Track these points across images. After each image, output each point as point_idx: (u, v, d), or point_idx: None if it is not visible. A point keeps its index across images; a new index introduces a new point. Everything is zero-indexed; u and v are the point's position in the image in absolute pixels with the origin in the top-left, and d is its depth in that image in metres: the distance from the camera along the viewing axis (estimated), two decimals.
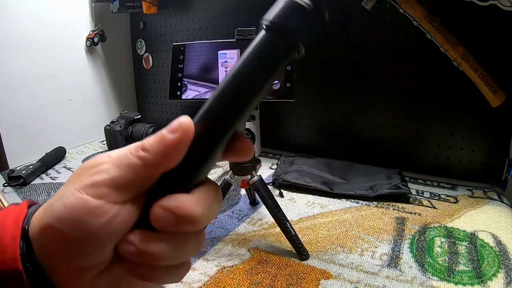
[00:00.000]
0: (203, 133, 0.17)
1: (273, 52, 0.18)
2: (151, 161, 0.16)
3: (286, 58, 0.18)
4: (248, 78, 0.18)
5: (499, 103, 0.79)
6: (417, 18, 0.82)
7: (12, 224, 0.18)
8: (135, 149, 0.17)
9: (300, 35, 0.18)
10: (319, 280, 0.55)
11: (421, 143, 0.98)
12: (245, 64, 0.18)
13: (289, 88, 0.57)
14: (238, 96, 0.18)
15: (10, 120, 1.13)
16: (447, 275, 0.56)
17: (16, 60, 1.12)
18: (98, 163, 0.18)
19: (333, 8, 0.18)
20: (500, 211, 0.76)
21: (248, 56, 0.18)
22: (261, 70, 0.18)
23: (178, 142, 0.16)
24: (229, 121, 0.18)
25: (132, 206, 0.17)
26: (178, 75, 0.63)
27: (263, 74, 0.18)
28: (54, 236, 0.17)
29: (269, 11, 0.18)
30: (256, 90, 0.18)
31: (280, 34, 0.18)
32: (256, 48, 0.18)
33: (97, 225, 0.16)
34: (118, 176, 0.17)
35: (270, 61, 0.18)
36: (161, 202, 0.17)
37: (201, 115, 0.18)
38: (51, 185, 0.97)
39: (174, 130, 0.17)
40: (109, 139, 1.27)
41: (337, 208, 0.79)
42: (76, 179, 0.18)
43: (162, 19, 1.42)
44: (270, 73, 0.18)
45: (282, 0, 0.18)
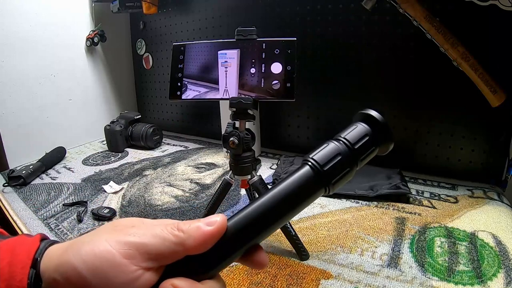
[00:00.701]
0: (231, 236, 0.20)
1: (311, 191, 0.22)
2: (184, 242, 0.19)
3: (318, 193, 0.22)
4: (282, 204, 0.21)
5: (499, 103, 0.79)
6: (417, 18, 0.82)
7: (24, 253, 0.19)
8: (172, 227, 0.19)
9: (336, 177, 0.22)
10: (319, 280, 0.55)
11: (421, 143, 0.98)
12: (283, 191, 0.21)
13: (289, 88, 0.56)
14: (269, 217, 0.21)
15: (10, 120, 1.13)
16: (447, 275, 0.56)
17: (16, 60, 1.12)
18: (134, 225, 0.19)
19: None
20: (500, 211, 0.76)
21: (288, 185, 0.21)
22: (292, 204, 0.21)
23: (211, 235, 0.19)
24: (253, 236, 0.21)
25: (152, 274, 0.18)
26: (178, 75, 0.63)
27: (292, 206, 0.21)
28: (72, 276, 0.18)
29: (316, 150, 0.22)
30: (284, 216, 0.21)
31: (322, 179, 0.22)
32: (296, 179, 0.22)
33: (117, 281, 0.17)
34: (150, 244, 0.18)
35: (304, 198, 0.22)
36: (174, 280, 0.18)
37: (235, 221, 0.21)
38: (51, 185, 0.97)
39: (211, 224, 0.19)
40: (109, 139, 1.27)
41: (337, 208, 0.79)
42: (110, 232, 0.19)
43: (162, 19, 1.42)
44: (296, 205, 0.22)
45: (328, 145, 0.23)
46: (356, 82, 1.03)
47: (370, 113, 0.24)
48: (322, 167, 0.22)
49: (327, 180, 0.22)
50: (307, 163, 0.22)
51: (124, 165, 1.13)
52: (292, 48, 0.57)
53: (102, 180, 1.00)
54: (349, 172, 0.22)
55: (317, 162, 0.22)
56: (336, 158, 0.22)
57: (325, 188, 0.22)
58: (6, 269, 0.18)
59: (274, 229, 0.21)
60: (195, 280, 0.19)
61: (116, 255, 0.18)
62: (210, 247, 0.19)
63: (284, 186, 0.22)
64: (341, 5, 1.00)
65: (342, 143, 0.23)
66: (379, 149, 0.24)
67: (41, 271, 0.18)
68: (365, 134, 0.23)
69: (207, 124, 1.43)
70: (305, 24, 1.07)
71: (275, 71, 0.57)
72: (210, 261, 0.20)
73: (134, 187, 0.95)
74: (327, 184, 0.22)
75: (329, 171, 0.22)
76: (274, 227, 0.21)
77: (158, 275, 0.19)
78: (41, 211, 0.81)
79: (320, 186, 0.22)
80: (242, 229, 0.20)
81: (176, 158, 1.18)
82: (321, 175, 0.22)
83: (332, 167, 0.22)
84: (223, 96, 0.60)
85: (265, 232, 0.21)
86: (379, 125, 0.24)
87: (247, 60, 0.59)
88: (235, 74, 0.59)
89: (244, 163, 0.60)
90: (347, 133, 0.23)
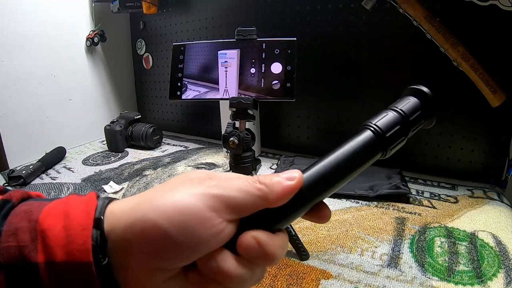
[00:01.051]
0: (304, 191, 0.21)
1: (372, 154, 0.24)
2: (267, 196, 0.19)
3: (376, 156, 0.25)
4: (348, 163, 0.23)
5: (499, 103, 0.79)
6: (417, 18, 0.82)
7: (81, 214, 0.17)
8: (254, 180, 0.19)
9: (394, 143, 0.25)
10: (319, 280, 0.55)
11: (421, 143, 0.98)
12: (350, 151, 0.23)
13: (289, 88, 0.56)
14: (337, 174, 0.23)
15: (10, 120, 1.13)
16: (447, 275, 0.56)
17: (16, 60, 1.12)
18: (211, 177, 0.19)
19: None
20: (500, 211, 0.76)
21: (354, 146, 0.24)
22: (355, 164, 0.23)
23: (291, 188, 0.20)
24: (322, 191, 0.22)
25: (233, 226, 0.19)
26: (178, 75, 0.63)
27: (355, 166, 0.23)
28: (153, 233, 0.17)
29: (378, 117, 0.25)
30: (349, 173, 0.23)
31: (383, 144, 0.24)
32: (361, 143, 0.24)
33: (204, 236, 0.17)
34: (235, 197, 0.18)
35: (366, 159, 0.24)
36: (254, 233, 0.18)
37: (308, 176, 0.22)
38: (51, 185, 0.97)
39: (291, 179, 0.20)
40: (109, 139, 1.27)
41: (337, 208, 0.79)
42: (188, 184, 0.19)
43: (162, 19, 1.42)
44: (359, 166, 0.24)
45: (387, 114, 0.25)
46: (356, 82, 1.03)
47: (422, 88, 0.28)
48: (385, 133, 0.24)
49: (387, 145, 0.24)
50: (369, 128, 0.24)
51: (124, 165, 1.13)
52: (292, 48, 0.57)
53: (102, 180, 1.00)
54: (403, 140, 0.25)
55: (380, 128, 0.24)
56: (396, 127, 0.24)
57: (383, 152, 0.24)
58: (62, 234, 0.16)
59: (339, 187, 0.23)
60: (270, 231, 0.19)
61: (204, 208, 0.17)
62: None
63: (349, 147, 0.23)
64: (341, 5, 1.00)
65: (400, 114, 0.25)
66: (425, 123, 0.27)
67: (106, 231, 0.17)
68: (418, 108, 0.26)
69: (207, 124, 1.43)
70: (305, 24, 1.07)
71: (275, 71, 0.57)
72: (284, 214, 0.21)
73: (134, 187, 0.95)
74: (385, 149, 0.24)
75: (390, 138, 0.24)
76: (339, 184, 0.23)
77: (236, 226, 0.19)
78: None
79: (380, 150, 0.24)
80: (314, 184, 0.22)
81: (176, 158, 1.18)
82: (383, 140, 0.24)
83: (392, 134, 0.24)
84: (223, 96, 0.60)
85: (332, 189, 0.23)
86: (429, 101, 0.27)
87: (247, 60, 0.59)
88: (235, 74, 0.59)
89: (244, 163, 0.60)
90: (403, 105, 0.26)
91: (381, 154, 0.25)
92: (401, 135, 0.25)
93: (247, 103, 0.56)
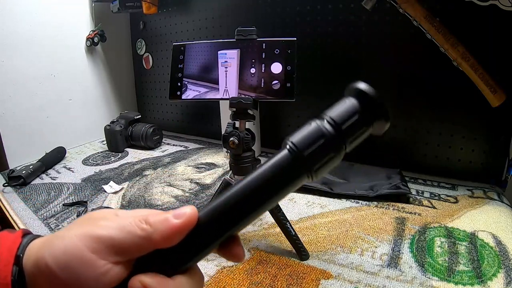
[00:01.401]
0: (203, 229, 0.18)
1: (290, 178, 0.19)
2: (150, 236, 0.18)
3: (298, 181, 0.19)
4: (256, 192, 0.19)
5: (499, 103, 0.79)
6: (417, 18, 0.82)
7: (6, 250, 0.19)
8: (140, 220, 0.18)
9: (318, 163, 0.19)
10: (319, 280, 0.55)
11: (421, 143, 0.98)
12: (260, 177, 0.19)
13: (289, 88, 0.57)
14: (243, 207, 0.19)
15: (10, 120, 1.13)
16: (447, 275, 0.56)
17: (16, 60, 1.12)
18: (103, 217, 0.19)
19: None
20: (500, 211, 0.76)
21: (265, 170, 0.19)
22: (273, 187, 0.19)
23: (179, 228, 0.18)
24: (226, 227, 0.19)
25: (121, 268, 0.18)
26: (178, 75, 0.63)
27: (272, 192, 0.19)
28: (46, 272, 0.18)
29: (297, 131, 0.20)
30: (261, 205, 0.19)
31: (302, 165, 0.19)
32: (274, 165, 0.19)
33: (87, 277, 0.17)
34: (116, 238, 0.18)
35: (283, 185, 0.19)
36: (142, 277, 0.18)
37: (207, 212, 0.19)
38: (51, 185, 0.97)
39: (179, 216, 0.18)
40: (109, 139, 1.27)
41: (337, 208, 0.79)
42: (81, 225, 0.19)
43: (162, 19, 1.42)
44: (280, 190, 0.19)
45: (310, 126, 0.20)
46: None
47: (359, 86, 0.20)
48: (302, 152, 0.19)
49: (308, 166, 0.19)
50: (286, 146, 0.20)
51: (124, 165, 1.13)
52: (292, 48, 0.57)
53: (102, 180, 1.00)
54: (334, 157, 0.19)
55: (296, 145, 0.19)
56: (319, 141, 0.19)
57: (308, 175, 0.19)
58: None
59: (251, 220, 0.19)
60: (166, 274, 0.18)
61: (84, 250, 0.17)
62: (180, 241, 0.18)
63: (260, 172, 0.19)
64: (341, 5, 1.00)
65: (327, 123, 0.19)
66: (373, 129, 0.21)
67: (24, 267, 0.18)
68: (354, 112, 0.20)
69: (207, 124, 1.43)
70: (305, 24, 1.07)
71: (275, 71, 0.58)
72: (181, 255, 0.19)
73: (134, 187, 0.95)
74: (308, 170, 0.19)
75: (310, 156, 0.19)
76: (250, 217, 0.19)
77: (128, 269, 0.18)
78: (41, 211, 0.81)
79: (301, 172, 0.19)
80: (214, 220, 0.19)
81: (176, 158, 1.18)
82: (301, 160, 0.19)
83: (314, 151, 0.19)
84: (223, 96, 0.60)
85: (240, 223, 0.19)
86: (370, 101, 0.20)
87: (247, 60, 0.59)
88: (235, 74, 0.59)
89: (244, 163, 0.60)
90: (333, 110, 0.20)
91: (306, 176, 0.19)
92: (328, 151, 0.19)
93: (247, 103, 0.56)
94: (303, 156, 0.19)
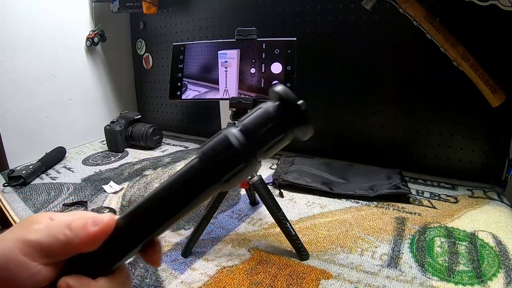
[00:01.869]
0: (121, 235, 0.20)
1: (200, 187, 0.19)
2: (71, 241, 0.19)
3: (209, 189, 0.20)
4: (171, 199, 0.20)
5: (499, 103, 0.79)
6: (417, 18, 0.82)
7: None
8: (65, 225, 0.20)
9: (228, 173, 0.19)
10: (319, 280, 0.55)
11: (421, 143, 0.98)
12: (170, 185, 0.20)
13: (289, 88, 0.56)
14: (156, 215, 0.20)
15: (10, 120, 1.13)
16: (447, 275, 0.56)
17: (16, 60, 1.12)
18: (36, 222, 0.21)
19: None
20: (500, 211, 0.76)
21: (175, 178, 0.20)
22: (183, 195, 0.20)
23: (96, 235, 0.19)
24: (144, 233, 0.20)
25: (51, 269, 0.20)
26: (178, 75, 0.63)
27: (185, 198, 0.20)
28: None
29: (208, 140, 0.19)
30: (175, 211, 0.20)
31: (212, 175, 0.19)
32: (184, 173, 0.20)
33: (22, 276, 0.19)
34: (44, 242, 0.19)
35: (195, 193, 0.20)
36: (68, 278, 0.19)
37: (125, 216, 0.20)
38: (51, 185, 0.97)
39: (96, 223, 0.20)
40: (109, 139, 1.27)
41: (337, 208, 0.79)
42: (17, 229, 0.21)
43: (162, 19, 1.42)
44: (191, 198, 0.20)
45: (219, 134, 0.19)
46: (356, 82, 1.03)
47: (276, 89, 0.19)
48: (211, 161, 0.19)
49: (217, 176, 0.19)
50: (198, 154, 0.19)
51: (124, 165, 1.13)
52: (292, 48, 0.57)
53: (102, 180, 1.00)
54: (245, 168, 0.19)
55: (205, 154, 0.19)
56: (228, 151, 0.18)
57: (217, 184, 0.19)
58: None
59: (169, 225, 0.20)
60: (91, 276, 0.20)
61: (17, 253, 0.19)
62: (100, 245, 0.19)
63: (173, 179, 0.20)
64: (341, 5, 1.00)
65: (238, 131, 0.19)
66: (294, 135, 0.20)
67: None
68: (268, 118, 0.19)
69: (207, 124, 1.43)
70: (305, 24, 1.07)
71: (275, 71, 0.58)
72: (102, 258, 0.20)
73: (134, 187, 0.95)
74: (217, 181, 0.19)
75: (218, 166, 0.18)
76: (167, 223, 0.20)
77: (58, 269, 0.20)
78: (41, 211, 0.81)
79: (211, 182, 0.19)
80: (131, 226, 0.20)
81: (176, 158, 1.18)
82: (210, 169, 0.19)
83: (222, 161, 0.18)
84: (223, 96, 0.60)
85: (158, 229, 0.20)
86: (288, 106, 0.19)
87: (247, 60, 0.59)
88: (235, 74, 0.60)
89: None
90: (246, 117, 0.19)
91: (217, 184, 0.19)
92: (238, 162, 0.18)
93: (247, 103, 0.56)
94: (212, 165, 0.19)
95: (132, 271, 0.58)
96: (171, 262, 0.61)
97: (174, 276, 0.57)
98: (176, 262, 0.61)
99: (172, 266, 0.59)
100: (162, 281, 0.55)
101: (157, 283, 0.55)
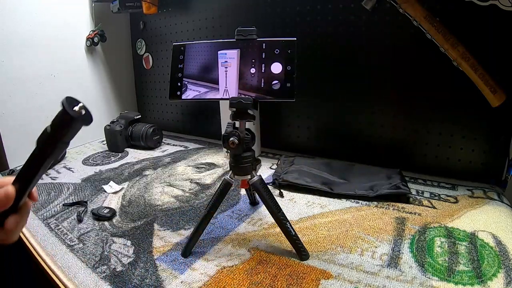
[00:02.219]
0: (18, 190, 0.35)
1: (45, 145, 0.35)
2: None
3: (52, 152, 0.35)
4: (30, 161, 0.34)
5: (499, 103, 0.79)
6: (417, 18, 0.82)
7: None
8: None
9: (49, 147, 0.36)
10: (319, 280, 0.55)
11: (421, 143, 0.98)
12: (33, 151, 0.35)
13: (289, 88, 0.57)
14: (27, 170, 0.34)
15: (10, 120, 1.13)
16: (447, 275, 0.56)
17: (16, 60, 1.12)
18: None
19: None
20: (500, 211, 0.76)
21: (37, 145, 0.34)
22: (36, 158, 0.34)
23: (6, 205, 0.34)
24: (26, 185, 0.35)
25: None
26: (178, 75, 0.63)
27: (37, 161, 0.34)
28: None
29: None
30: (34, 170, 0.34)
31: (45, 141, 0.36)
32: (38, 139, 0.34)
33: None
34: None
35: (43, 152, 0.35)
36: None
37: (16, 177, 0.36)
38: (51, 185, 0.97)
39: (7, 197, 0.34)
40: (109, 139, 1.27)
41: (337, 208, 0.79)
42: None
43: (162, 19, 1.42)
44: (43, 160, 0.34)
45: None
46: (355, 82, 1.03)
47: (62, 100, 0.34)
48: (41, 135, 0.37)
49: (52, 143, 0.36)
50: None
51: (124, 165, 1.13)
52: (292, 48, 0.57)
53: (102, 180, 1.00)
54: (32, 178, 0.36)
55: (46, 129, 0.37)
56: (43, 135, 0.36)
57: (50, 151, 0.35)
58: None
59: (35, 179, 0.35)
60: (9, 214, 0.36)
61: None
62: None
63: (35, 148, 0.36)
64: (341, 5, 1.00)
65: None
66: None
67: None
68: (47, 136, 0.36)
69: (207, 124, 1.43)
70: (305, 24, 1.07)
71: (275, 71, 0.58)
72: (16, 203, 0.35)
73: (134, 187, 0.95)
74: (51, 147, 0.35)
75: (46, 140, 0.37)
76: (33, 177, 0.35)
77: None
78: (41, 211, 0.81)
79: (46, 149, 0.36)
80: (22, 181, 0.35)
81: (176, 158, 1.18)
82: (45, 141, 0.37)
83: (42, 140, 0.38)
84: (223, 96, 0.60)
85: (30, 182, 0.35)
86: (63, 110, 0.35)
87: (247, 60, 0.59)
88: (235, 74, 0.59)
89: (244, 163, 0.60)
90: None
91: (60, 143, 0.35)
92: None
93: (247, 103, 0.56)
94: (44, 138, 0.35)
95: (132, 271, 0.58)
96: (171, 262, 0.61)
97: (174, 276, 0.57)
98: (176, 262, 0.61)
99: (172, 266, 0.59)
100: (162, 281, 0.55)
101: (157, 283, 0.55)
